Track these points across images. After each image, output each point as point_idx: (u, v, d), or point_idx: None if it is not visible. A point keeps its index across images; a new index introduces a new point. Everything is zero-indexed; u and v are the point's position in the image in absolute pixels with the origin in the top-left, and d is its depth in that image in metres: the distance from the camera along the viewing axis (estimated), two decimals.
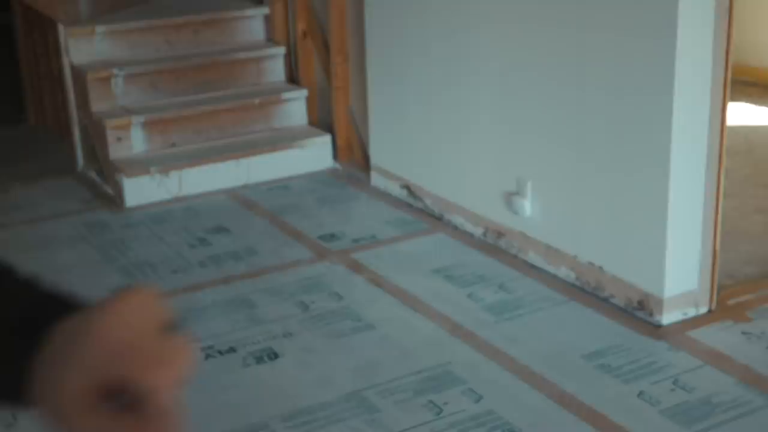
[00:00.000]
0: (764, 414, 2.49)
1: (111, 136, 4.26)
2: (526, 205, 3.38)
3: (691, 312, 2.98)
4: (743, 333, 2.89)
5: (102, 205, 4.21)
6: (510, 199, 3.45)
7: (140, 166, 4.21)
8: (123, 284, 3.40)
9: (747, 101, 5.36)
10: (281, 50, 4.80)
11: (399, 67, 4.00)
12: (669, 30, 2.72)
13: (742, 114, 5.13)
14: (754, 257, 3.43)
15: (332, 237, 3.77)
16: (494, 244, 3.58)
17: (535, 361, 2.79)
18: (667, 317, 2.94)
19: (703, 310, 3.00)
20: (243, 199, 4.22)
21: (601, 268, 3.12)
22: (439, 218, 3.87)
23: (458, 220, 3.76)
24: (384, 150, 4.20)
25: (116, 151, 4.28)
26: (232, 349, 2.93)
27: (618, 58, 2.91)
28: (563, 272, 3.27)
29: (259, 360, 2.86)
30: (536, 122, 3.30)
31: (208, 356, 2.89)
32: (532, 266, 3.39)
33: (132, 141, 4.31)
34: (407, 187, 4.06)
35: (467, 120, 3.64)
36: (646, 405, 2.55)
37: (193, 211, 4.11)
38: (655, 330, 2.92)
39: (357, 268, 3.48)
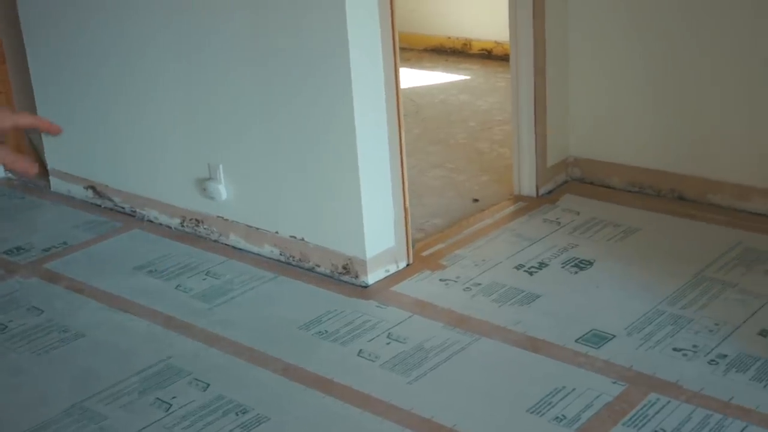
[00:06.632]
0: (472, 350, 2.69)
1: None
2: (221, 189, 3.38)
3: (393, 268, 3.14)
4: (440, 280, 3.10)
5: None
6: (204, 185, 3.43)
7: None
8: None
9: (404, 66, 5.68)
10: None
11: (66, 64, 3.82)
12: (338, 7, 2.82)
13: (403, 78, 5.42)
14: (438, 209, 3.68)
15: (19, 250, 3.55)
16: (193, 232, 3.55)
17: (255, 339, 2.82)
18: (372, 276, 3.08)
19: (403, 264, 3.18)
20: None
21: (303, 239, 3.20)
22: (131, 215, 3.76)
23: (152, 213, 3.68)
24: (61, 153, 4.01)
25: None
26: None
27: (295, 35, 2.98)
28: (267, 250, 3.32)
29: None
30: (221, 105, 3.30)
31: None
32: (235, 248, 3.41)
33: None
34: (92, 188, 3.91)
35: (149, 112, 3.56)
36: (367, 362, 2.67)
37: None
38: (363, 291, 3.06)
39: (53, 277, 3.31)
